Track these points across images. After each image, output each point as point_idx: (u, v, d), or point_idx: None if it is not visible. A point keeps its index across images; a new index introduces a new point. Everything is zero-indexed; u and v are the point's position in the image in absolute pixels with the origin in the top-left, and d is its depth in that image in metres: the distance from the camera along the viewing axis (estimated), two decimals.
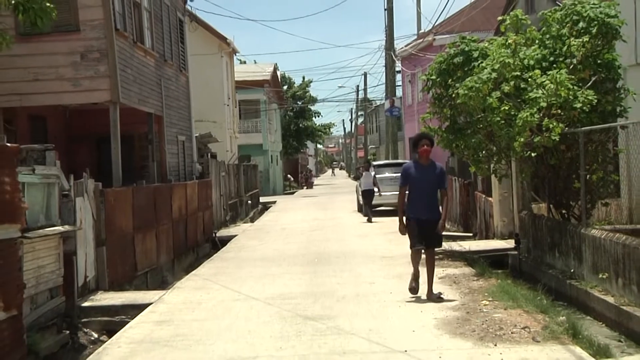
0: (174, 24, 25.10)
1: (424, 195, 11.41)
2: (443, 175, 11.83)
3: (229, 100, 42.13)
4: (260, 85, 53.76)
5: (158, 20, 22.43)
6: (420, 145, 11.52)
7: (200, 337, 9.79)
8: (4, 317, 8.89)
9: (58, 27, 15.67)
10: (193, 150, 27.49)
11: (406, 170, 11.79)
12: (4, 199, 9.32)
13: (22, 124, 18.52)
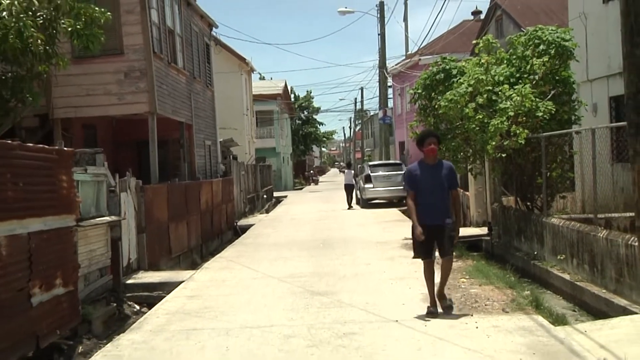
0: (202, 47, 25.13)
1: (433, 199, 8.61)
2: (453, 174, 9.05)
3: (247, 111, 42.18)
4: (273, 98, 53.82)
5: (188, 44, 22.46)
6: (427, 143, 8.83)
7: (224, 309, 9.85)
8: (62, 292, 8.93)
9: (106, 51, 15.73)
10: (217, 153, 27.49)
11: (411, 172, 8.99)
12: (62, 194, 9.37)
13: (77, 132, 18.53)
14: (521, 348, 7.01)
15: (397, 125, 47.13)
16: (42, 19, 11.99)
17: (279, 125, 56.73)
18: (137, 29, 17.09)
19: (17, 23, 11.33)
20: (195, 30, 23.80)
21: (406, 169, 9.59)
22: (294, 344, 7.71)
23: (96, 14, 12.75)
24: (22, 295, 7.87)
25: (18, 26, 11.33)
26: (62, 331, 8.88)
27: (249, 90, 44.26)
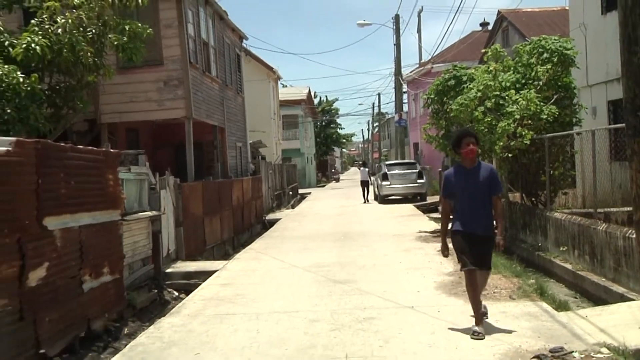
0: (233, 57, 25.22)
1: (472, 205, 7.14)
2: (495, 177, 7.33)
3: (274, 115, 42.24)
4: (298, 104, 53.83)
5: (221, 55, 22.56)
6: (465, 144, 7.13)
7: (255, 296, 9.87)
8: (110, 279, 9.04)
9: (147, 62, 15.84)
10: (247, 154, 27.59)
11: (448, 178, 7.41)
12: (109, 191, 9.47)
13: (121, 135, 18.70)
14: (527, 332, 6.98)
15: (411, 127, 46.97)
16: (92, 34, 12.10)
17: (303, 128, 56.71)
18: (175, 42, 17.21)
19: (70, 38, 11.47)
20: (227, 42, 23.89)
21: (444, 174, 7.64)
22: (318, 327, 7.73)
23: (139, 29, 12.85)
24: (75, 282, 7.98)
25: (71, 41, 11.46)
26: (109, 314, 8.98)
27: (276, 96, 44.33)
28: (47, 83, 12.37)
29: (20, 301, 6.62)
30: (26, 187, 6.96)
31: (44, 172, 7.33)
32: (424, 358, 6.35)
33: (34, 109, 10.77)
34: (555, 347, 6.30)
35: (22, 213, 6.82)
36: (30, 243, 6.88)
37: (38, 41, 11.08)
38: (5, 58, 10.96)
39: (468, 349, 6.50)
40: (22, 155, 6.92)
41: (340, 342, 7.01)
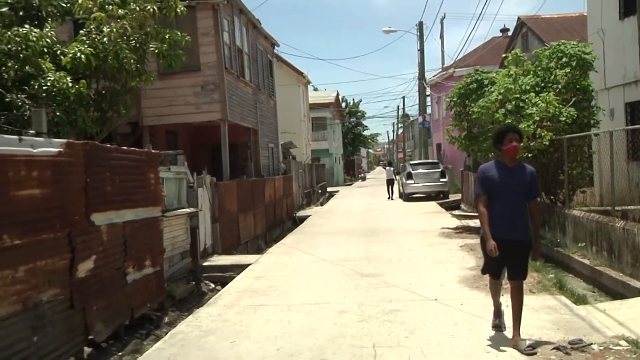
0: (266, 63, 25.31)
1: (509, 207, 6.19)
2: (536, 180, 6.43)
3: (304, 117, 42.30)
4: (326, 106, 53.88)
5: (254, 61, 22.66)
6: (507, 140, 6.28)
7: (286, 289, 9.92)
8: (151, 271, 9.13)
9: (186, 68, 15.99)
10: (279, 154, 27.66)
11: (485, 173, 6.42)
12: (150, 189, 9.56)
13: (161, 137, 18.87)
14: (547, 324, 6.92)
15: (434, 129, 46.68)
16: (134, 42, 12.24)
17: (332, 130, 56.76)
18: (212, 49, 17.34)
19: (115, 47, 11.63)
20: (260, 48, 23.98)
21: (481, 168, 6.64)
22: (347, 318, 7.74)
23: (178, 38, 12.96)
24: (119, 274, 8.09)
25: (115, 49, 11.62)
26: (151, 304, 9.09)
27: (306, 99, 44.38)
28: (94, 88, 12.54)
29: (71, 291, 6.74)
30: (76, 185, 7.08)
31: (92, 172, 7.43)
32: (447, 348, 6.33)
33: (82, 113, 10.93)
34: (574, 339, 6.24)
35: (72, 209, 6.93)
36: (79, 237, 6.99)
37: (84, 50, 11.26)
38: (57, 65, 11.15)
39: (490, 341, 6.46)
40: (72, 156, 7.03)
41: (367, 333, 7.03)
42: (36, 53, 10.38)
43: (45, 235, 6.33)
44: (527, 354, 5.95)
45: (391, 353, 6.23)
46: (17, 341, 5.69)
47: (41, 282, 6.20)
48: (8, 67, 10.24)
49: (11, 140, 6.10)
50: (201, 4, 17.10)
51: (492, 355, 6.00)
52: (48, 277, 6.33)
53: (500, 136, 6.46)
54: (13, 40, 10.01)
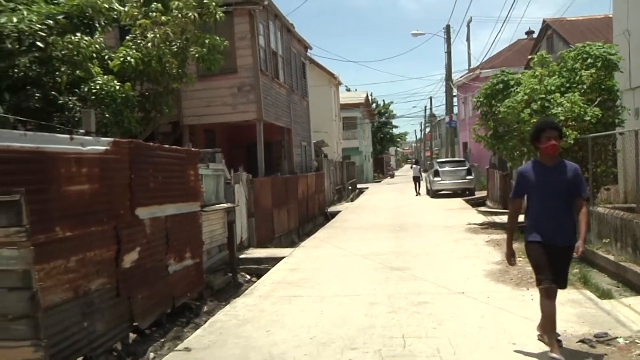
0: (299, 65, 25.37)
1: (551, 210, 5.48)
2: (580, 178, 5.61)
3: (335, 117, 42.27)
4: (357, 107, 53.76)
5: (288, 63, 22.73)
6: (545, 138, 5.52)
7: (319, 281, 9.94)
8: (191, 263, 9.23)
9: (223, 70, 16.07)
10: (311, 152, 27.71)
11: (523, 175, 5.73)
12: (190, 185, 9.64)
13: (200, 136, 19.06)
14: (572, 317, 6.82)
15: (460, 128, 46.28)
16: (176, 47, 12.40)
17: (362, 129, 56.63)
18: (248, 52, 17.44)
19: (158, 51, 11.80)
20: (293, 51, 24.04)
21: (518, 170, 5.97)
22: (377, 310, 7.74)
23: (217, 42, 13.08)
24: (162, 265, 8.19)
25: (158, 54, 11.79)
26: (191, 294, 9.18)
27: (337, 100, 44.34)
28: (138, 90, 12.72)
29: (117, 280, 6.85)
30: (121, 181, 7.19)
31: (136, 168, 7.54)
32: (474, 340, 6.28)
33: (127, 113, 11.10)
34: (600, 333, 6.14)
35: (118, 204, 7.05)
36: (124, 230, 7.11)
37: (132, 54, 11.43)
38: (105, 69, 11.34)
39: (516, 332, 6.40)
40: (118, 154, 7.15)
41: (397, 324, 7.01)
42: (86, 58, 10.58)
43: (93, 228, 6.45)
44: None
45: (420, 343, 6.21)
46: (69, 326, 5.81)
47: (90, 272, 6.33)
48: (61, 71, 10.47)
49: (63, 139, 6.23)
50: (238, 9, 17.21)
51: (518, 347, 5.93)
52: (96, 267, 6.46)
53: (537, 133, 5.66)
54: (66, 47, 10.22)
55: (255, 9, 17.55)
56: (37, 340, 3.54)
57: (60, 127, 9.30)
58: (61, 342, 5.55)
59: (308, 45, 27.25)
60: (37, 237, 5.05)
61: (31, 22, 9.37)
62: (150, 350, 7.05)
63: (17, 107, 10.11)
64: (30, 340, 3.54)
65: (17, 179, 5.10)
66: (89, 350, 6.14)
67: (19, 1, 9.74)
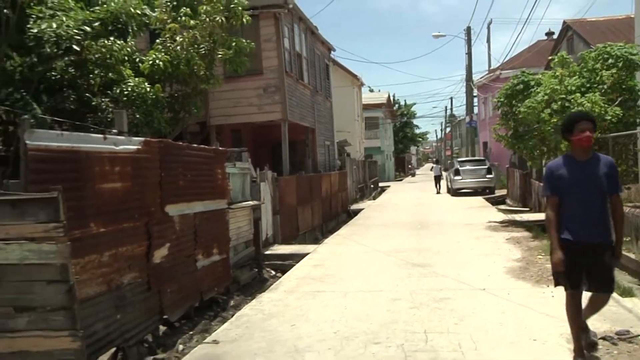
0: (322, 67, 25.38)
1: (585, 207, 5.03)
2: (615, 172, 5.14)
3: (358, 117, 42.14)
4: (379, 107, 53.59)
5: (312, 65, 22.75)
6: (578, 130, 5.05)
7: (342, 277, 9.93)
8: (218, 258, 9.30)
9: (249, 72, 16.12)
10: (334, 151, 27.70)
11: (553, 171, 5.23)
12: (218, 184, 9.72)
13: (226, 135, 19.16)
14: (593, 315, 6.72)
15: (480, 128, 45.93)
16: (204, 50, 12.49)
17: (383, 129, 56.42)
18: (273, 54, 17.50)
19: (186, 54, 11.90)
20: (317, 53, 24.06)
21: (548, 166, 5.50)
22: (399, 305, 7.72)
23: (243, 44, 13.14)
24: (190, 260, 8.27)
25: (187, 56, 11.90)
26: (218, 289, 9.25)
27: (359, 100, 44.21)
28: (167, 92, 12.84)
29: (148, 274, 6.94)
30: (152, 179, 7.27)
31: (166, 167, 7.62)
32: (495, 335, 6.24)
33: (157, 114, 11.22)
34: (621, 330, 6.06)
35: (149, 201, 7.13)
36: (155, 226, 7.19)
37: (161, 57, 11.56)
38: (136, 72, 11.48)
39: (537, 329, 6.34)
40: (149, 153, 7.23)
41: (419, 319, 6.99)
42: (118, 61, 10.73)
43: (125, 225, 6.54)
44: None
45: (441, 338, 6.19)
46: (103, 318, 5.90)
47: (122, 266, 6.41)
48: (95, 74, 10.64)
49: (97, 139, 6.32)
50: (264, 13, 17.27)
51: (539, 343, 5.89)
52: (128, 262, 6.54)
53: (569, 124, 5.19)
54: (100, 51, 10.39)
55: (281, 12, 17.61)
56: (75, 330, 3.61)
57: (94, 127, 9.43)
58: (96, 333, 5.64)
59: (331, 47, 27.24)
60: (73, 232, 5.14)
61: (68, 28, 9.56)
62: (180, 342, 7.12)
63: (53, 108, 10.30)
64: (68, 330, 3.61)
65: (54, 177, 5.19)
66: (122, 341, 6.23)
67: (58, 8, 9.93)
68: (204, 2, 12.55)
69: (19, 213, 3.67)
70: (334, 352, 5.97)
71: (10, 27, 9.67)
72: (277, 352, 6.06)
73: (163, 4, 12.85)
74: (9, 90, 9.57)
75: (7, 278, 3.69)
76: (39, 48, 9.73)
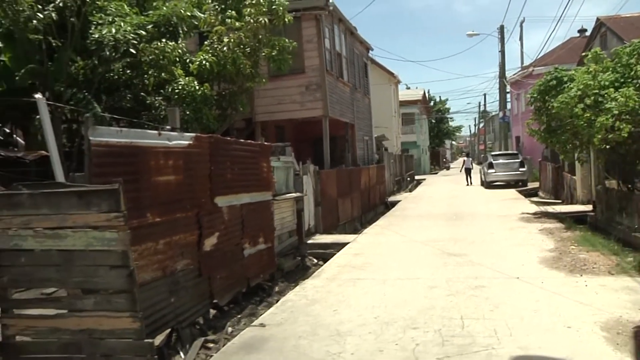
0: (361, 65, 25.25)
1: None
2: None
3: (394, 113, 41.88)
4: (414, 103, 53.10)
5: (351, 63, 22.66)
6: None
7: (380, 265, 9.92)
8: (264, 247, 9.38)
9: (292, 71, 16.14)
10: (373, 146, 27.58)
11: None
12: (263, 176, 9.79)
13: (271, 131, 19.26)
14: (627, 304, 6.55)
15: (513, 123, 45.00)
16: (249, 50, 12.58)
17: (419, 124, 55.97)
18: (315, 54, 17.50)
19: (233, 54, 12.01)
20: (356, 52, 23.95)
21: None
22: (436, 292, 7.67)
23: (286, 44, 13.20)
24: (238, 249, 8.36)
25: (233, 56, 12.01)
26: (264, 275, 9.34)
27: (396, 97, 43.92)
28: (215, 90, 12.99)
29: (199, 262, 7.05)
30: (202, 172, 7.38)
31: (215, 161, 7.72)
32: (530, 322, 6.14)
33: (206, 111, 11.39)
34: None
35: (199, 193, 7.24)
36: (205, 217, 7.29)
37: (208, 58, 11.70)
38: (186, 72, 11.65)
39: (571, 316, 6.22)
40: (200, 147, 7.34)
41: (455, 306, 6.93)
42: (170, 62, 10.92)
43: (178, 215, 6.65)
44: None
45: (477, 324, 6.13)
46: (159, 301, 6.04)
47: (176, 254, 6.53)
48: (149, 74, 10.84)
49: (153, 135, 6.45)
50: (306, 14, 17.28)
51: (574, 330, 5.77)
52: (181, 250, 6.66)
53: None
54: (153, 52, 10.58)
55: (321, 14, 17.59)
56: (135, 312, 3.71)
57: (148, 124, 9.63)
58: (152, 315, 5.77)
59: (369, 46, 27.07)
60: (132, 222, 5.24)
61: (126, 32, 9.78)
62: (229, 325, 7.22)
63: (112, 107, 10.56)
64: (129, 312, 3.71)
65: (114, 170, 5.32)
66: (176, 323, 6.36)
67: (116, 14, 10.16)
68: (248, 4, 12.62)
69: (85, 203, 3.78)
70: (374, 336, 5.97)
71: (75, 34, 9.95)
72: (320, 335, 6.09)
73: (211, 7, 12.98)
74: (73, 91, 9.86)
75: (75, 263, 3.81)
76: (100, 51, 10.00)
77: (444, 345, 5.54)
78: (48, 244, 3.84)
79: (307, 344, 5.79)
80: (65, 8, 9.68)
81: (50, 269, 3.89)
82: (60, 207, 3.83)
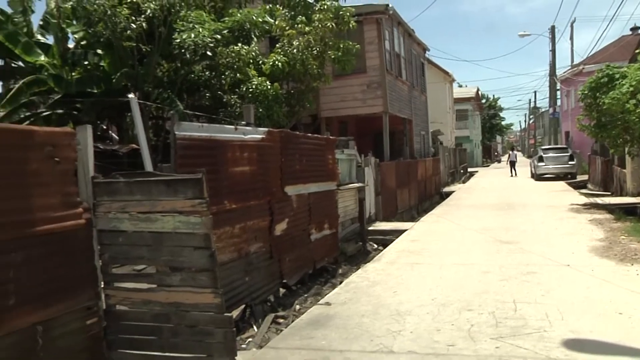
0: (418, 65, 24.84)
1: None
2: None
3: (449, 110, 40.95)
4: (468, 100, 51.79)
5: (409, 63, 22.32)
6: None
7: (436, 251, 9.75)
8: (328, 233, 9.42)
9: (355, 70, 16.01)
10: (429, 140, 27.14)
11: None
12: (328, 168, 9.82)
13: (334, 126, 19.24)
14: None
15: (563, 118, 43.13)
16: (316, 52, 12.58)
17: (472, 120, 54.63)
18: (376, 55, 17.34)
19: (301, 56, 12.05)
20: (413, 53, 23.57)
21: None
22: (489, 277, 7.47)
23: (350, 46, 13.13)
24: (305, 234, 8.43)
25: (302, 58, 12.04)
26: (328, 259, 9.38)
27: (451, 94, 42.93)
28: (285, 89, 13.09)
29: (270, 245, 7.15)
30: (274, 164, 7.47)
31: (285, 153, 7.80)
32: (580, 307, 5.88)
33: (276, 108, 11.49)
34: None
35: (271, 182, 7.33)
36: (276, 204, 7.39)
37: (280, 59, 11.79)
38: (259, 72, 11.79)
39: (622, 303, 5.91)
40: (272, 141, 7.42)
41: (508, 290, 6.73)
42: (245, 64, 11.07)
43: (252, 202, 6.76)
44: None
45: (529, 308, 5.92)
46: (235, 280, 6.17)
47: (250, 238, 6.65)
48: (226, 75, 11.04)
49: (230, 129, 6.57)
50: (367, 18, 17.15)
51: (625, 317, 5.48)
52: (254, 234, 6.77)
53: None
54: (229, 55, 10.76)
55: (382, 18, 17.40)
56: (216, 289, 3.79)
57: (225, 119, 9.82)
58: (230, 291, 5.90)
59: (426, 47, 26.57)
60: (211, 208, 5.36)
61: (204, 37, 9.99)
62: (296, 303, 7.29)
63: (192, 105, 10.83)
64: (211, 288, 3.79)
65: (197, 161, 5.46)
66: (249, 300, 6.48)
67: (195, 21, 10.40)
68: (317, 11, 12.63)
69: (172, 191, 3.88)
70: (431, 316, 5.88)
71: (162, 40, 10.25)
72: (381, 314, 6.05)
73: (282, 13, 13.07)
74: (159, 91, 10.17)
75: (164, 243, 3.93)
76: (181, 55, 10.26)
77: (498, 326, 5.39)
78: (141, 226, 3.98)
79: (369, 322, 5.77)
80: (154, 18, 9.99)
81: (142, 248, 4.03)
82: (151, 194, 3.95)
